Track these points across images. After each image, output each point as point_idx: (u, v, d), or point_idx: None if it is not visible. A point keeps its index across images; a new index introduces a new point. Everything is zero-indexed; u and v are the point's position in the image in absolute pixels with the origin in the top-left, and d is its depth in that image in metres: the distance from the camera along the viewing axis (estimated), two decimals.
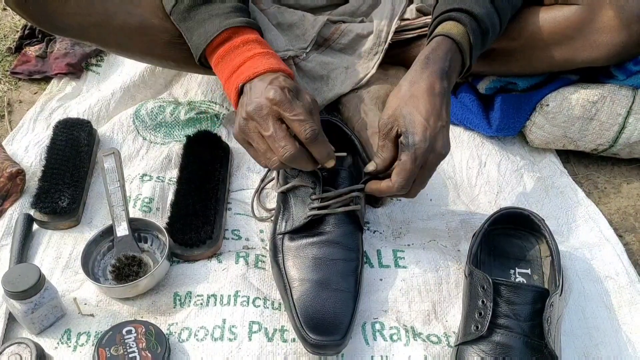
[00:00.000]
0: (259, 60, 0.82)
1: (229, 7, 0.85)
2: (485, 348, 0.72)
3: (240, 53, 0.83)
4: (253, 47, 0.83)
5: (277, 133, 0.76)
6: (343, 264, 0.81)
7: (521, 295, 0.73)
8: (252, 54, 0.82)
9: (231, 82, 0.83)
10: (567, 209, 0.97)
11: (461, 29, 0.83)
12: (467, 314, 0.77)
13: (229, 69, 0.83)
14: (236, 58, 0.83)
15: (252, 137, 0.79)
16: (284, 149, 0.76)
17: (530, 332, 0.72)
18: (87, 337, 0.79)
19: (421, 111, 0.78)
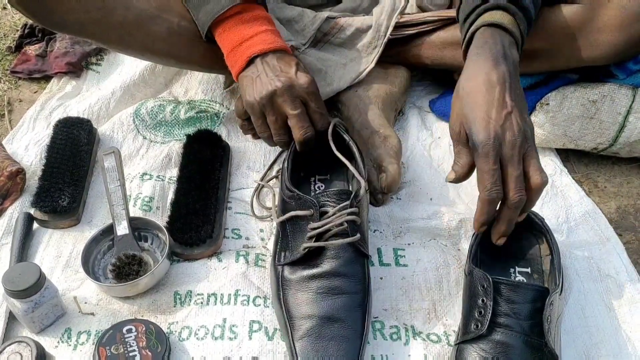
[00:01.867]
0: (271, 36, 0.86)
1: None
2: (485, 347, 0.72)
3: (251, 26, 0.86)
4: (264, 23, 0.87)
5: (303, 114, 0.84)
6: (347, 298, 0.76)
7: (521, 294, 0.73)
8: (265, 28, 0.86)
9: (240, 51, 0.85)
10: (566, 208, 0.97)
11: (510, 19, 0.80)
12: (467, 313, 0.77)
13: (236, 39, 0.86)
14: (247, 30, 0.85)
15: (274, 110, 0.84)
16: (306, 129, 0.85)
17: (530, 331, 0.72)
18: (88, 336, 0.79)
19: (481, 106, 0.73)
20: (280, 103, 0.84)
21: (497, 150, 0.72)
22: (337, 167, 0.89)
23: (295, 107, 0.84)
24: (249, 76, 0.86)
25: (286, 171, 0.86)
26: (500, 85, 0.74)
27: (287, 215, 0.81)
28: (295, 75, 0.84)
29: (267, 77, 0.84)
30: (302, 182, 0.92)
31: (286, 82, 0.83)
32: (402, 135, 1.09)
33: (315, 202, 0.78)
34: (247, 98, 0.86)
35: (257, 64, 0.84)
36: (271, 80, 0.83)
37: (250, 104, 0.85)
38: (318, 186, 0.92)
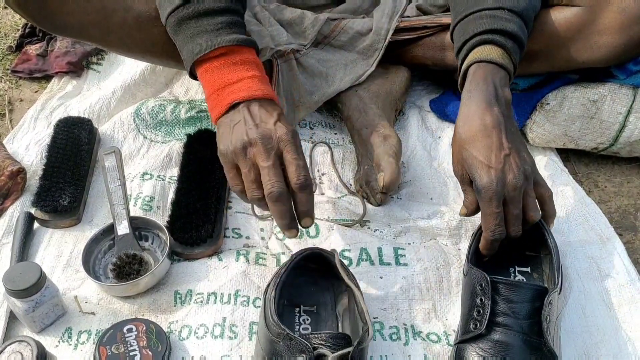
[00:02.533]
0: (257, 83, 0.79)
1: (220, 23, 0.81)
2: (484, 346, 0.72)
3: (237, 70, 0.80)
4: (251, 68, 0.80)
5: (274, 167, 0.74)
6: None
7: (520, 293, 0.73)
8: (251, 74, 0.80)
9: (222, 95, 0.79)
10: (567, 207, 0.97)
11: (500, 52, 0.82)
12: (466, 313, 0.77)
13: (220, 82, 0.80)
14: (232, 74, 0.80)
15: (245, 163, 0.76)
16: (275, 185, 0.74)
17: (529, 330, 0.71)
18: (88, 336, 0.79)
19: (480, 152, 0.76)
20: (253, 154, 0.75)
21: (499, 195, 0.75)
22: (325, 298, 0.81)
23: (268, 158, 0.74)
24: (227, 123, 0.78)
25: (272, 302, 0.72)
26: (496, 129, 0.77)
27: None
28: (274, 125, 0.76)
29: (245, 126, 0.76)
30: (285, 312, 0.79)
31: (262, 132, 0.75)
32: (402, 135, 1.09)
33: (310, 346, 0.66)
34: (221, 147, 0.78)
35: (239, 111, 0.78)
36: (248, 130, 0.75)
37: (222, 153, 0.78)
38: (303, 319, 0.80)
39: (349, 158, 1.05)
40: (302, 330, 0.78)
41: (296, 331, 0.78)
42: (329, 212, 0.95)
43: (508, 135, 0.78)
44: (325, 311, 0.80)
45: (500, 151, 0.76)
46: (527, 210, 0.77)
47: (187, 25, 0.81)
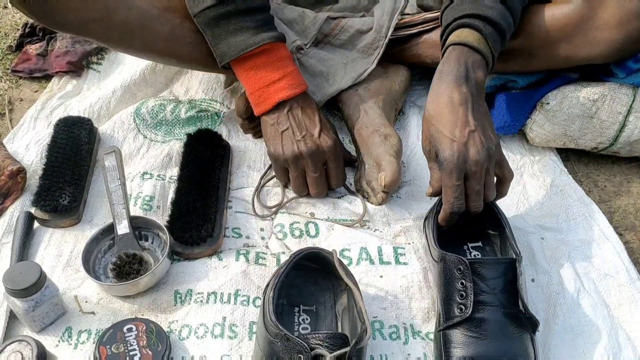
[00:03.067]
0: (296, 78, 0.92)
1: (260, 20, 0.90)
2: (469, 326, 0.74)
3: (278, 67, 0.90)
4: (290, 64, 0.92)
5: (321, 177, 0.93)
6: None
7: (494, 269, 0.75)
8: (291, 69, 0.92)
9: (267, 93, 0.91)
10: (566, 207, 0.97)
11: (476, 36, 0.84)
12: (446, 298, 0.77)
13: (265, 80, 0.90)
14: (274, 72, 0.90)
15: (296, 169, 0.92)
16: (320, 190, 0.95)
17: (507, 302, 0.74)
18: (88, 335, 0.79)
19: (445, 126, 0.78)
20: (303, 164, 0.92)
21: (460, 168, 0.77)
22: (325, 298, 0.81)
23: (316, 170, 0.92)
24: (274, 126, 0.91)
25: (270, 302, 0.72)
26: (463, 105, 0.79)
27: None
28: (319, 138, 0.91)
29: (294, 135, 0.90)
30: (285, 312, 0.80)
31: (311, 147, 0.90)
32: (402, 134, 1.09)
33: (307, 346, 0.66)
34: (272, 150, 0.93)
35: (283, 114, 0.91)
36: (298, 142, 0.90)
37: (275, 157, 0.93)
38: (303, 318, 0.80)
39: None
40: (301, 330, 0.78)
41: (295, 331, 0.78)
42: (329, 211, 0.95)
43: (475, 113, 0.79)
44: (324, 311, 0.80)
45: (465, 127, 0.78)
46: (485, 188, 0.79)
47: (228, 21, 0.88)
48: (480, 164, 0.77)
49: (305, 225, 0.93)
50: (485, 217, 0.85)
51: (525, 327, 0.74)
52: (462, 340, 0.74)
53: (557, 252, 0.89)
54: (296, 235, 0.92)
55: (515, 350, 0.73)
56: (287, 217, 0.94)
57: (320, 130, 0.91)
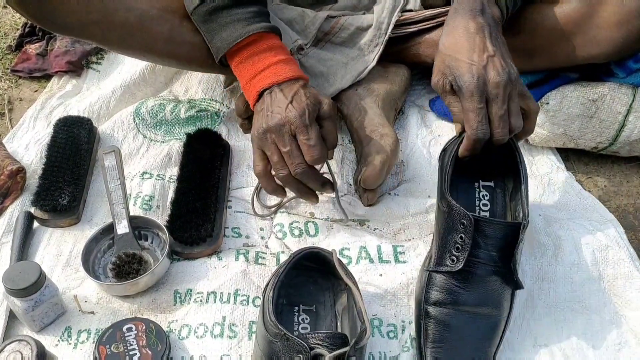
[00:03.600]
0: (282, 67, 0.86)
1: (251, 12, 0.88)
2: (456, 277, 0.75)
3: (264, 58, 0.87)
4: (277, 53, 0.88)
5: (293, 151, 0.83)
6: None
7: (498, 230, 0.74)
8: (277, 59, 0.87)
9: (252, 85, 0.87)
10: (565, 202, 0.97)
11: None
12: (442, 245, 0.78)
13: (251, 72, 0.87)
14: (259, 62, 0.87)
15: (269, 147, 0.85)
16: (298, 165, 0.84)
17: (499, 261, 0.75)
18: (88, 335, 0.79)
19: (462, 53, 0.76)
20: (271, 141, 0.84)
21: (481, 90, 0.74)
22: (325, 298, 0.81)
23: (284, 144, 0.83)
24: (257, 111, 0.87)
25: (270, 301, 0.72)
26: (480, 33, 0.77)
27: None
28: (285, 109, 0.83)
29: (264, 113, 0.85)
30: (285, 311, 0.80)
31: (275, 121, 0.83)
32: (402, 134, 1.09)
33: (306, 346, 0.66)
34: (251, 133, 0.88)
35: (265, 98, 0.86)
36: (266, 117, 0.84)
37: (251, 138, 0.88)
38: (302, 318, 0.80)
39: (348, 157, 1.05)
40: (301, 330, 0.78)
41: (295, 331, 0.78)
42: (328, 211, 0.95)
43: (493, 40, 0.78)
44: (324, 310, 0.80)
45: (483, 52, 0.76)
46: (509, 115, 0.76)
47: (220, 15, 0.87)
48: (502, 86, 0.75)
49: (304, 224, 0.93)
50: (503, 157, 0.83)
51: (508, 284, 0.76)
52: (445, 285, 0.76)
53: (556, 225, 0.89)
54: (296, 234, 0.92)
55: (493, 302, 0.75)
56: (286, 216, 0.94)
57: (289, 103, 0.84)
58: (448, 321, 0.75)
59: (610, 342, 0.79)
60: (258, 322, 0.74)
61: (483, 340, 0.75)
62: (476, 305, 0.75)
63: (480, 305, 0.75)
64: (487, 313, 0.75)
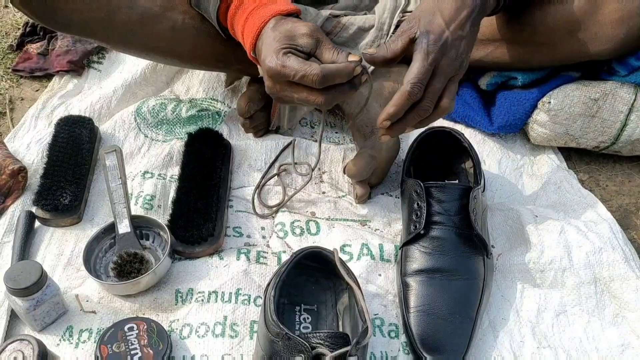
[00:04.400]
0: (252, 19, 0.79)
1: None
2: (424, 244, 0.83)
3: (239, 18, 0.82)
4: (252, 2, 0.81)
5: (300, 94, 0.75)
6: None
7: (449, 193, 0.83)
8: (246, 14, 0.80)
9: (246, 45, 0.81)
10: (564, 200, 0.97)
11: None
12: (406, 218, 0.87)
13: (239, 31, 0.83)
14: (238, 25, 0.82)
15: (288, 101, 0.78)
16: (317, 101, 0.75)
17: (460, 224, 0.82)
18: (89, 334, 0.79)
19: (444, 15, 0.76)
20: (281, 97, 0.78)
21: (437, 56, 0.75)
22: (326, 297, 0.81)
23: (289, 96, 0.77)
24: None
25: (271, 301, 0.72)
26: (466, 10, 0.77)
27: None
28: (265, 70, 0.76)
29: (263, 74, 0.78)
30: (286, 311, 0.80)
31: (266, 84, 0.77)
32: (404, 134, 1.08)
33: (308, 345, 0.66)
34: None
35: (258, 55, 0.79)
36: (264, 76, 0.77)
37: None
38: (304, 317, 0.80)
39: (349, 156, 1.05)
40: (302, 329, 0.78)
41: (296, 330, 0.78)
42: (329, 211, 0.95)
43: (472, 24, 0.78)
44: (325, 310, 0.80)
45: (460, 28, 0.76)
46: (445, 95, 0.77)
47: None
48: (453, 68, 0.76)
49: (306, 223, 0.93)
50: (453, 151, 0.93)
51: (479, 250, 0.82)
52: (417, 255, 0.82)
53: (550, 227, 0.89)
54: (297, 233, 0.92)
55: (465, 267, 0.81)
56: (288, 215, 0.94)
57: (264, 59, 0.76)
58: (425, 287, 0.80)
59: (613, 344, 0.79)
60: (259, 321, 0.74)
61: (462, 302, 0.78)
62: (449, 270, 0.80)
63: (453, 270, 0.80)
64: (461, 277, 0.80)
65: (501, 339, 0.79)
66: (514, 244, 0.90)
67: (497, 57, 1.04)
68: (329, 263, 0.78)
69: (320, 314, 0.80)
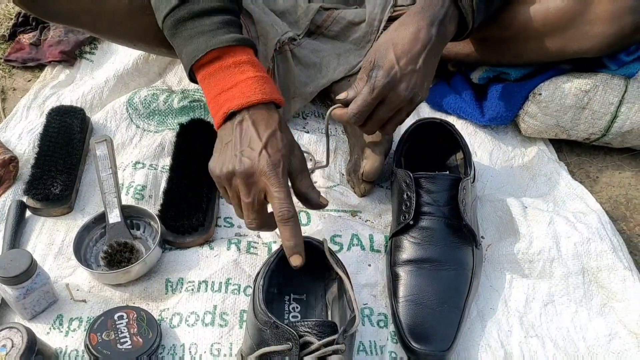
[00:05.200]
0: (251, 86, 0.76)
1: (216, 23, 0.77)
2: (414, 234, 0.83)
3: (231, 74, 0.76)
4: (245, 70, 0.77)
5: (254, 205, 0.74)
6: None
7: (438, 183, 0.83)
8: (245, 77, 0.76)
9: (220, 102, 0.76)
10: (554, 192, 0.98)
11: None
12: (396, 209, 0.87)
13: (218, 87, 0.77)
14: (227, 78, 0.76)
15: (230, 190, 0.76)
16: (253, 221, 0.75)
17: (449, 214, 0.83)
18: (79, 323, 0.79)
19: (396, 50, 0.80)
20: (234, 186, 0.75)
21: (383, 92, 0.80)
22: (315, 287, 0.81)
23: (248, 194, 0.73)
24: (221, 137, 0.77)
25: (261, 290, 0.72)
26: (423, 43, 0.81)
27: (259, 352, 0.68)
28: (258, 155, 0.72)
29: (232, 151, 0.74)
30: (275, 300, 0.80)
31: (244, 166, 0.72)
32: None
33: (295, 334, 0.66)
34: (210, 164, 0.76)
35: (234, 127, 0.75)
36: (234, 158, 0.73)
37: (211, 171, 0.76)
38: (293, 307, 0.80)
39: (341, 148, 1.05)
40: (291, 318, 0.79)
41: (285, 319, 0.78)
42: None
43: (427, 58, 0.81)
44: (314, 299, 0.80)
45: (411, 62, 0.80)
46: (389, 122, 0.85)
47: (184, 27, 0.78)
48: (400, 100, 0.81)
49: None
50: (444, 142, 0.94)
51: (468, 240, 0.83)
52: (406, 245, 0.83)
53: (539, 217, 0.89)
54: None
55: (454, 257, 0.81)
56: None
57: (263, 147, 0.73)
58: (414, 277, 0.80)
59: (600, 333, 0.79)
60: (248, 310, 0.75)
61: (450, 292, 0.79)
62: (438, 260, 0.81)
63: (441, 260, 0.81)
64: (449, 268, 0.80)
65: (489, 328, 0.80)
66: (504, 235, 0.90)
67: (487, 58, 1.04)
68: (318, 253, 0.78)
69: (309, 303, 0.80)
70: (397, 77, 0.79)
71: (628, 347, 0.78)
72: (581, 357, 0.77)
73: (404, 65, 0.79)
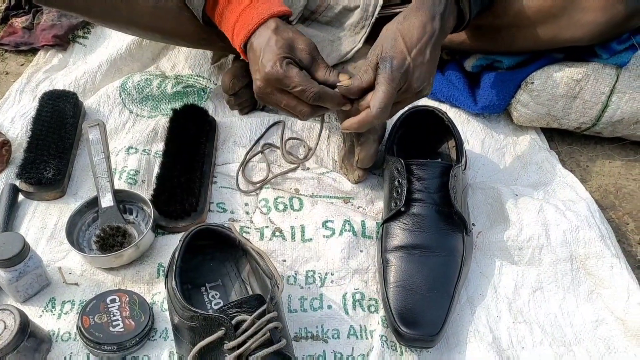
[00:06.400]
0: (248, 14, 0.82)
1: None
2: (405, 220, 0.84)
3: (233, 9, 0.84)
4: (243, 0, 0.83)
5: (289, 102, 0.81)
6: None
7: (429, 171, 0.84)
8: (242, 7, 0.83)
9: (234, 41, 0.85)
10: (545, 180, 0.98)
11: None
12: (387, 196, 0.88)
13: (229, 29, 0.85)
14: (231, 16, 0.84)
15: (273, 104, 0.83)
16: (302, 112, 0.82)
17: (440, 201, 0.83)
18: (72, 306, 0.80)
19: (406, 41, 0.79)
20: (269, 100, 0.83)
21: (401, 82, 0.79)
22: (227, 269, 0.82)
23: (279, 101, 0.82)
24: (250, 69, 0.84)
25: (176, 290, 0.71)
26: (429, 37, 0.81)
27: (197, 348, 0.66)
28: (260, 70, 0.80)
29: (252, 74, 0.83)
30: (193, 295, 0.79)
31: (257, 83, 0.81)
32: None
33: (226, 318, 0.66)
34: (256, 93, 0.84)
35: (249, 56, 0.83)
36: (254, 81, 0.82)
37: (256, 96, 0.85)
38: (212, 295, 0.79)
39: (335, 134, 1.05)
40: (214, 306, 0.78)
41: (209, 309, 0.78)
42: (313, 188, 0.96)
43: (432, 49, 0.80)
44: (230, 281, 0.81)
45: (420, 54, 0.79)
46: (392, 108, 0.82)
47: None
48: (412, 92, 0.80)
49: (289, 199, 0.94)
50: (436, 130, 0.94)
51: (458, 227, 0.83)
52: (397, 232, 0.83)
53: (529, 205, 0.90)
54: (280, 209, 0.92)
55: (444, 244, 0.82)
56: (271, 192, 0.95)
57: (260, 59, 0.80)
58: (404, 262, 0.81)
59: (587, 319, 0.81)
60: (170, 316, 0.74)
61: (440, 278, 0.80)
62: (428, 247, 0.81)
63: (432, 247, 0.82)
64: (440, 254, 0.81)
65: (478, 314, 0.81)
66: (494, 222, 0.91)
67: (480, 46, 1.04)
68: (219, 235, 0.79)
69: (226, 286, 0.81)
70: (410, 68, 0.78)
71: (614, 333, 0.79)
72: (568, 342, 0.79)
73: (415, 56, 0.79)
